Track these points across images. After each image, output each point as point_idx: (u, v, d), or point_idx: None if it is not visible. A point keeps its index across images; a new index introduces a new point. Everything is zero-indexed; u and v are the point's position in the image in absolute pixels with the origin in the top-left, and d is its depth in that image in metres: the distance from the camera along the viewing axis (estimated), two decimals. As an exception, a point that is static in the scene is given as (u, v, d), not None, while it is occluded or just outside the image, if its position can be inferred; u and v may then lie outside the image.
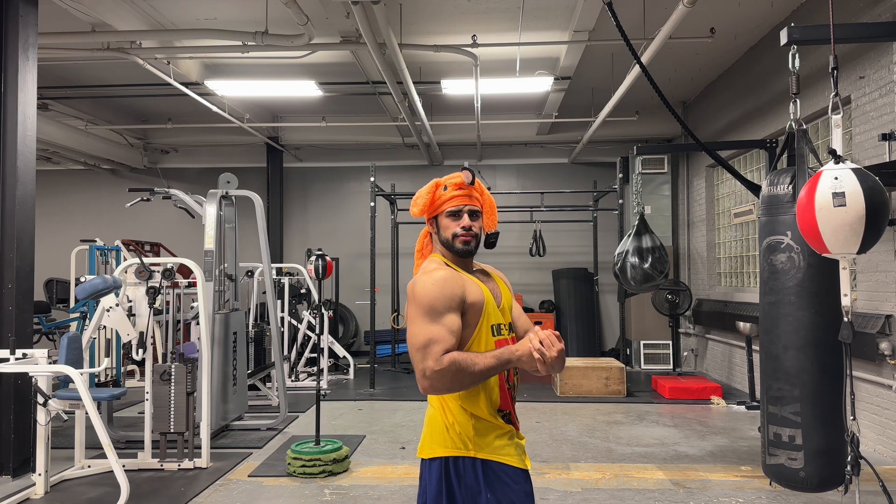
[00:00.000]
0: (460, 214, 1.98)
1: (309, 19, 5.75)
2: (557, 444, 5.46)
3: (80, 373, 4.05)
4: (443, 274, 1.90)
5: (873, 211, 2.75)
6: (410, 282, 1.94)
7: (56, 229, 11.45)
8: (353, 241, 11.23)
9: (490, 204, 2.10)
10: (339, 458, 4.66)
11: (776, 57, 6.68)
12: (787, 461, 3.34)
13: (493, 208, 2.11)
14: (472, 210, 2.00)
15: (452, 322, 1.84)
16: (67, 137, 9.41)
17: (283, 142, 11.09)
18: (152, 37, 6.60)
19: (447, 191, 2.00)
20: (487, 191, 2.12)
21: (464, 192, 2.00)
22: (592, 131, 9.08)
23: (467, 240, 1.97)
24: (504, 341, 1.97)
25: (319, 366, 5.32)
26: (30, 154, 4.90)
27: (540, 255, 9.64)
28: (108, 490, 4.26)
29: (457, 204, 1.98)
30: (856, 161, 5.00)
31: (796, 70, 3.41)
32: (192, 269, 5.08)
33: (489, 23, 6.83)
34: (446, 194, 2.00)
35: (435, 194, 2.02)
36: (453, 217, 1.99)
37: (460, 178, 2.00)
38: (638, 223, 7.27)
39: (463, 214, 1.98)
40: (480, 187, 2.07)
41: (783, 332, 3.38)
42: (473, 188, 2.03)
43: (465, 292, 1.90)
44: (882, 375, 4.99)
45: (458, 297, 1.88)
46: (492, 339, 1.95)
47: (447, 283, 1.87)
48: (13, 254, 4.72)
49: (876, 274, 5.13)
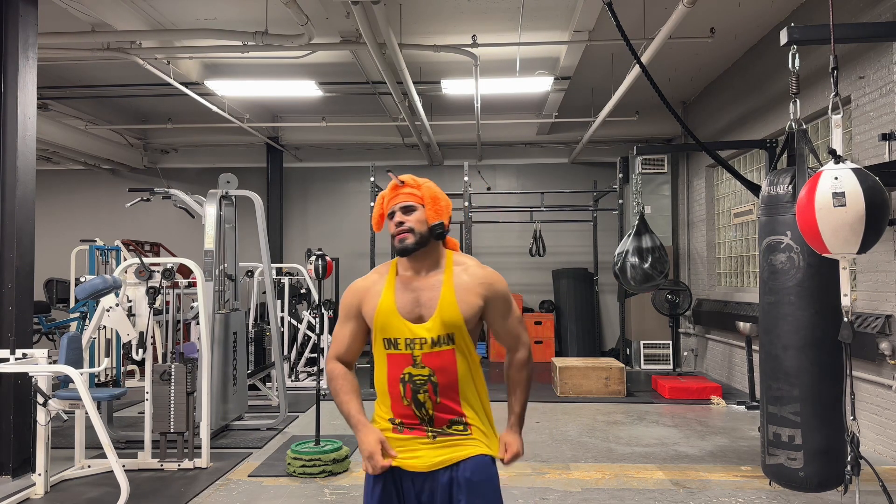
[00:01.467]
0: (393, 215, 2.00)
1: (309, 19, 5.75)
2: (557, 444, 5.46)
3: (80, 373, 4.05)
4: (354, 283, 2.09)
5: (873, 211, 2.75)
6: None
7: (56, 229, 11.45)
8: (353, 241, 11.23)
9: (432, 195, 2.00)
10: (339, 458, 4.66)
11: (776, 57, 6.68)
12: (787, 461, 3.34)
13: (434, 199, 2.00)
14: (403, 206, 1.98)
15: (348, 329, 2.06)
16: (67, 137, 9.41)
17: (283, 142, 11.09)
18: (152, 37, 6.60)
19: (386, 199, 2.04)
20: (429, 183, 2.06)
21: (396, 193, 2.01)
22: (592, 131, 9.08)
23: (402, 236, 1.95)
24: (399, 357, 1.94)
25: (319, 366, 5.32)
26: (30, 154, 4.90)
27: (540, 255, 9.64)
28: (108, 490, 4.26)
29: (389, 206, 2.02)
30: (856, 161, 5.00)
31: (796, 70, 3.41)
32: (192, 269, 5.08)
33: (489, 23, 6.83)
34: (386, 200, 2.04)
35: (382, 205, 2.06)
36: (390, 218, 2.01)
37: (394, 182, 2.03)
38: (638, 223, 7.27)
39: (395, 214, 1.99)
40: (416, 182, 2.03)
41: (783, 332, 3.38)
42: (405, 186, 2.01)
43: (362, 302, 2.02)
44: (882, 375, 4.99)
45: (354, 307, 2.04)
46: (384, 353, 1.97)
47: (349, 293, 2.06)
48: (13, 254, 4.72)
49: (876, 274, 5.13)
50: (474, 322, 1.98)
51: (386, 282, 2.01)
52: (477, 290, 1.97)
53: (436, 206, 2.00)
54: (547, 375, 8.59)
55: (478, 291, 1.97)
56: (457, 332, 1.93)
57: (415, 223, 1.95)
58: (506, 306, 2.05)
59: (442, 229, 2.00)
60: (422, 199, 2.00)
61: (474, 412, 1.98)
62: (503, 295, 2.03)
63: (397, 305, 1.95)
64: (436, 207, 1.99)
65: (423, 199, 2.00)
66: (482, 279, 2.00)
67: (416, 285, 1.98)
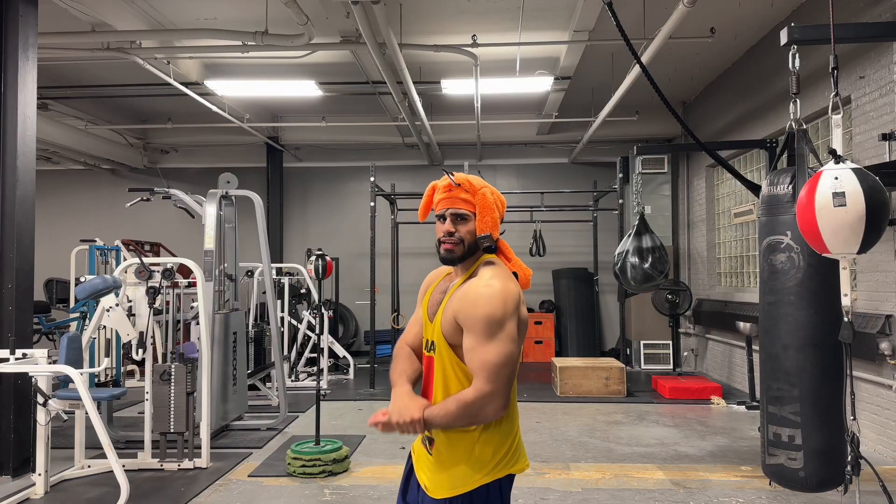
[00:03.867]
0: (444, 218, 1.89)
1: (309, 19, 5.75)
2: (557, 444, 5.46)
3: (79, 373, 4.05)
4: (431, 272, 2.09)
5: (873, 211, 2.75)
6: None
7: (56, 229, 11.45)
8: (353, 241, 11.23)
9: (483, 205, 1.86)
10: (339, 458, 4.66)
11: (776, 57, 6.68)
12: (787, 461, 3.34)
13: (485, 209, 1.86)
14: (455, 213, 1.87)
15: (416, 315, 2.04)
16: (67, 137, 9.41)
17: (282, 142, 11.09)
18: (152, 37, 6.60)
19: (437, 193, 1.94)
20: (486, 190, 1.90)
21: (449, 195, 1.89)
22: (592, 131, 9.08)
23: (449, 247, 1.85)
24: (429, 359, 1.91)
25: (319, 366, 5.32)
26: (30, 154, 4.90)
27: (540, 255, 9.64)
28: (108, 490, 4.26)
29: (440, 208, 1.90)
30: (856, 161, 4.99)
31: (796, 70, 3.41)
32: (192, 269, 5.08)
33: (489, 23, 6.82)
34: (436, 196, 1.93)
35: (432, 197, 1.96)
36: (440, 221, 1.91)
37: (447, 179, 1.91)
38: (638, 223, 7.26)
39: (446, 219, 1.88)
40: (473, 187, 1.89)
41: (783, 332, 3.38)
42: (460, 189, 1.88)
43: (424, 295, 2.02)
44: (882, 375, 4.99)
45: (421, 295, 2.05)
46: (424, 355, 1.96)
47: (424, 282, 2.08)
48: (13, 254, 4.72)
49: (876, 274, 5.13)
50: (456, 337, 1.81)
51: (441, 278, 2.02)
52: (455, 305, 1.81)
53: (485, 218, 1.86)
54: (547, 375, 8.59)
55: (455, 307, 1.81)
56: (438, 342, 1.85)
57: (465, 234, 1.86)
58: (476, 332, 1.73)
59: (490, 242, 1.87)
60: (475, 206, 1.88)
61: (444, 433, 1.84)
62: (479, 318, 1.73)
63: (428, 304, 1.96)
64: (486, 219, 1.86)
65: (475, 207, 1.88)
66: (464, 294, 1.81)
67: (446, 287, 1.94)
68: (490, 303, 1.73)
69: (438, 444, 1.85)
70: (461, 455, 1.81)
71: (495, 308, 1.73)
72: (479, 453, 1.81)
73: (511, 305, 1.75)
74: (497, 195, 1.94)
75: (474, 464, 1.81)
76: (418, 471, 1.95)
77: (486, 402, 1.71)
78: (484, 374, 1.71)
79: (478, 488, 1.80)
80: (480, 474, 1.81)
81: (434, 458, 1.86)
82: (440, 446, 1.84)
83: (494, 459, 1.82)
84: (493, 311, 1.72)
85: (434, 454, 1.86)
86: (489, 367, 1.71)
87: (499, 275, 1.81)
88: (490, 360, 1.71)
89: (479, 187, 1.89)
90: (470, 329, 1.75)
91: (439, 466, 1.84)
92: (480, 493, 1.81)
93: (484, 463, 1.81)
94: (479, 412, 1.73)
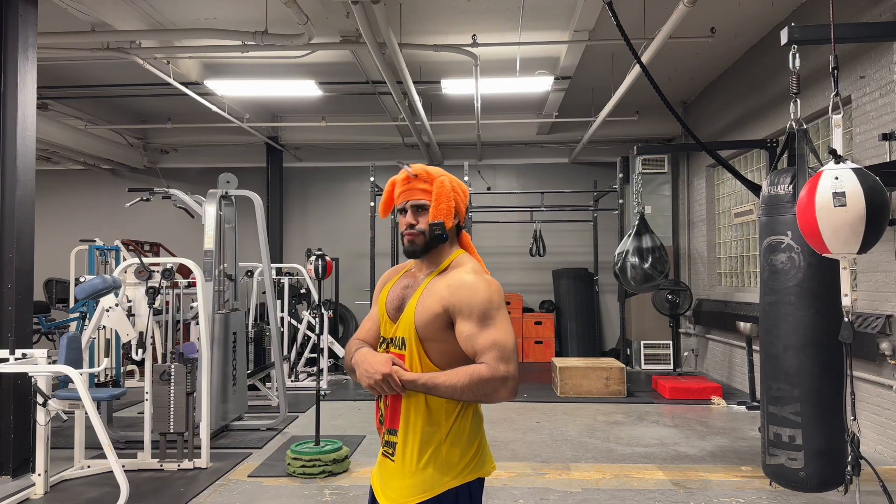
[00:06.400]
0: (405, 212, 1.85)
1: (309, 19, 5.75)
2: (557, 444, 5.46)
3: (79, 373, 4.04)
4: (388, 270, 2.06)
5: (874, 211, 2.75)
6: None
7: (56, 229, 11.45)
8: (353, 241, 11.23)
9: (438, 192, 1.82)
10: (338, 459, 4.66)
11: (776, 57, 6.67)
12: (787, 461, 3.34)
13: (441, 197, 1.82)
14: (415, 204, 1.83)
15: (372, 312, 1.98)
16: (67, 137, 9.40)
17: (282, 142, 11.08)
18: (152, 37, 6.60)
19: (397, 187, 1.89)
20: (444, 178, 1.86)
21: (408, 187, 1.85)
22: (592, 131, 9.07)
23: (411, 238, 1.83)
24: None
25: (319, 366, 5.32)
26: (30, 154, 4.90)
27: (540, 255, 9.64)
28: (108, 490, 4.26)
29: (401, 201, 1.87)
30: (856, 161, 4.99)
31: (796, 70, 3.41)
32: (191, 269, 5.08)
33: (489, 22, 6.82)
34: (396, 190, 1.89)
35: (392, 193, 1.92)
36: (402, 214, 1.87)
37: (405, 172, 1.87)
38: (638, 223, 7.26)
39: (407, 211, 1.85)
40: (431, 176, 1.85)
41: (783, 332, 3.38)
42: (418, 180, 1.84)
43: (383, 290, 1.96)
44: (882, 375, 4.99)
45: (378, 292, 1.99)
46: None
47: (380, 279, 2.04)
48: (13, 254, 4.72)
49: (876, 274, 5.13)
50: (433, 331, 1.75)
51: (399, 275, 1.95)
52: (441, 294, 1.74)
53: (440, 206, 1.82)
54: (547, 375, 8.59)
55: (441, 295, 1.74)
56: (409, 338, 1.76)
57: (426, 225, 1.82)
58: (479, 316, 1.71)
59: (441, 231, 1.81)
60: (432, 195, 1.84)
61: (409, 434, 1.76)
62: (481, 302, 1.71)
63: (387, 301, 1.89)
64: (440, 206, 1.82)
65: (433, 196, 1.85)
66: (452, 283, 1.75)
67: (409, 283, 1.88)
68: (489, 288, 1.74)
69: (402, 446, 1.78)
70: (428, 458, 1.75)
71: (493, 294, 1.74)
72: (447, 455, 1.75)
73: (503, 296, 1.79)
74: (457, 183, 1.90)
75: (441, 466, 1.75)
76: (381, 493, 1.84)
77: (501, 383, 1.67)
78: (496, 353, 1.67)
79: (446, 492, 1.74)
80: (448, 477, 1.75)
81: (397, 465, 1.78)
82: (405, 449, 1.77)
83: (463, 462, 1.77)
84: (493, 297, 1.73)
85: (397, 459, 1.78)
86: (501, 347, 1.68)
87: (480, 270, 1.82)
88: (501, 341, 1.69)
89: (436, 175, 1.86)
90: (469, 315, 1.71)
91: (405, 472, 1.77)
92: (449, 497, 1.75)
93: (452, 465, 1.76)
94: (493, 393, 1.68)
